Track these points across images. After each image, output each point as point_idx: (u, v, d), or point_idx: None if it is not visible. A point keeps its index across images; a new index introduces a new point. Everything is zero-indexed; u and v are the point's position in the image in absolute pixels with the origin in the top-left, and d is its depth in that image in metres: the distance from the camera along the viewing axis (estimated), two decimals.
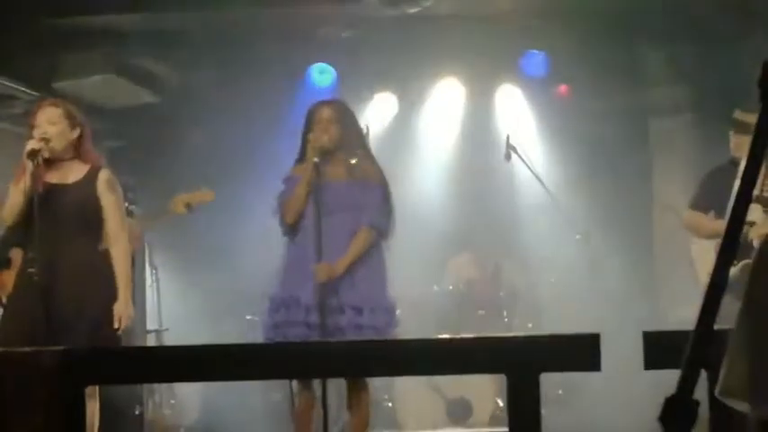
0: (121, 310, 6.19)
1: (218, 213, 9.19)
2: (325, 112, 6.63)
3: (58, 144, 6.26)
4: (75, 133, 6.35)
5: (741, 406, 2.38)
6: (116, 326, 6.13)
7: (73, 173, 6.34)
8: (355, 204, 6.42)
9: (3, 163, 6.72)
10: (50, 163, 6.27)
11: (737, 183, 1.87)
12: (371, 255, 6.45)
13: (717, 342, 2.01)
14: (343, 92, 10.11)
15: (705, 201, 7.61)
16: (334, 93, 10.19)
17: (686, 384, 1.76)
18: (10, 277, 6.70)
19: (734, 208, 1.87)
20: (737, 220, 1.85)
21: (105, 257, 6.29)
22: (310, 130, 6.54)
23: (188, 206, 7.84)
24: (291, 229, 6.53)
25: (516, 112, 10.81)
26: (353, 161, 6.52)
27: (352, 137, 6.66)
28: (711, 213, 7.53)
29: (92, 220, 6.29)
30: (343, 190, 6.43)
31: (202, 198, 7.93)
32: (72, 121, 6.35)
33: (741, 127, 7.34)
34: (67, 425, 3.16)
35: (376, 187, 6.51)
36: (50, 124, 6.27)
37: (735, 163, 7.40)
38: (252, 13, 9.34)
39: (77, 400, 3.21)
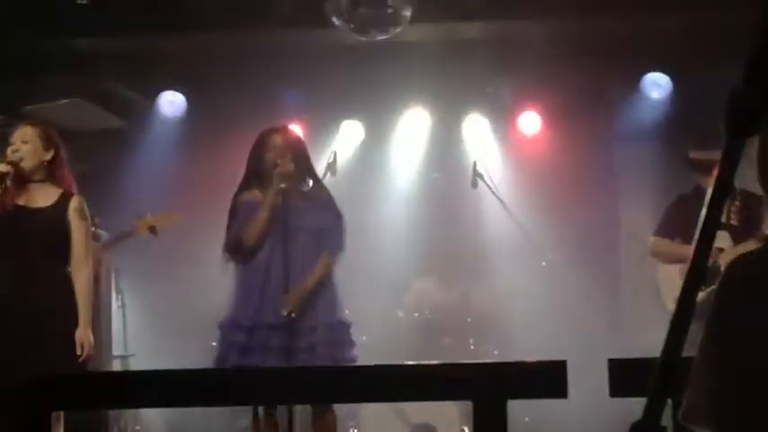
0: (82, 337, 6.17)
1: (185, 238, 9.18)
2: (279, 139, 6.67)
3: (29, 163, 6.26)
4: (49, 155, 6.34)
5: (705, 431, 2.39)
6: (78, 352, 6.12)
7: (43, 196, 6.32)
8: (313, 227, 6.48)
9: None
10: (21, 184, 6.25)
11: (705, 209, 1.89)
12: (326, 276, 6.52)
13: (683, 370, 2.02)
14: (311, 118, 10.13)
15: (671, 228, 7.69)
16: (302, 119, 10.20)
17: (652, 411, 1.77)
18: None
19: (701, 232, 1.88)
20: (705, 245, 1.86)
21: (69, 283, 6.27)
22: (262, 156, 6.57)
23: (152, 229, 7.81)
24: (247, 254, 6.54)
25: (483, 140, 10.84)
26: (308, 187, 6.61)
27: (305, 162, 6.71)
28: (678, 240, 7.60)
29: (59, 246, 6.27)
30: (302, 213, 6.47)
31: (167, 220, 7.89)
32: (47, 143, 6.35)
33: (698, 165, 7.45)
34: None
35: (331, 210, 6.59)
36: (23, 143, 6.27)
37: (700, 191, 7.46)
38: (219, 38, 9.36)
39: (43, 424, 3.20)
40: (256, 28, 9.14)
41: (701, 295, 1.88)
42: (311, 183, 6.73)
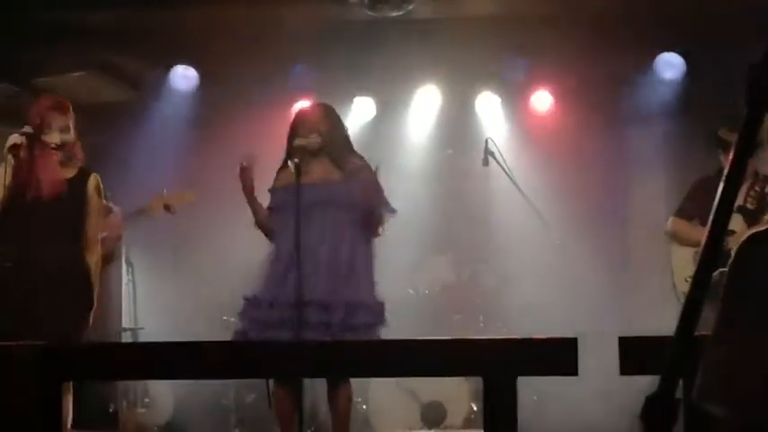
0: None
1: (196, 213, 9.18)
2: (305, 115, 6.68)
3: (63, 140, 6.29)
4: (73, 134, 6.38)
5: (719, 411, 2.39)
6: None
7: (63, 172, 6.34)
8: (345, 201, 6.44)
9: None
10: (42, 158, 6.26)
11: (721, 185, 1.88)
12: (361, 252, 6.48)
13: (696, 349, 2.02)
14: (322, 94, 10.12)
15: (691, 209, 7.64)
16: (314, 95, 10.19)
17: (667, 384, 1.77)
18: None
19: (715, 213, 1.88)
20: (719, 226, 1.85)
21: (82, 260, 6.29)
22: (291, 134, 6.57)
23: (168, 207, 7.79)
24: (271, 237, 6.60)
25: (495, 119, 10.83)
26: (342, 160, 6.58)
27: (339, 142, 6.68)
28: (696, 221, 7.57)
29: (75, 222, 6.29)
30: (326, 187, 6.46)
31: (183, 199, 7.87)
32: (73, 122, 6.38)
33: (726, 145, 7.37)
34: (44, 419, 3.16)
35: (374, 184, 6.55)
36: (63, 121, 6.29)
37: (723, 173, 7.41)
38: (233, 13, 9.34)
39: (55, 394, 3.22)
40: (270, 3, 9.13)
41: (714, 275, 1.88)
42: (346, 156, 6.68)
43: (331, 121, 6.69)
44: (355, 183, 6.47)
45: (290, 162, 6.43)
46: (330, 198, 6.42)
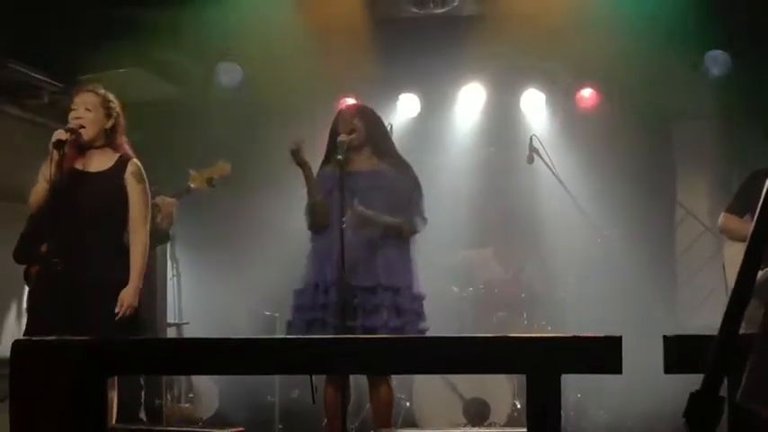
0: (125, 296, 6.22)
1: (238, 209, 9.23)
2: (347, 113, 6.73)
3: (90, 131, 6.32)
4: (110, 122, 6.42)
5: (765, 411, 2.37)
6: (116, 311, 6.16)
7: (102, 161, 6.40)
8: (387, 186, 6.47)
9: (27, 153, 6.75)
10: (81, 149, 6.32)
11: None
12: (401, 244, 6.50)
13: (741, 347, 2.00)
14: (368, 90, 10.13)
15: (742, 204, 7.55)
16: (359, 91, 10.21)
17: (711, 381, 1.76)
18: None
19: (761, 210, 1.86)
20: (765, 223, 1.84)
21: (124, 247, 6.33)
22: (333, 131, 6.63)
23: (209, 181, 7.79)
24: (320, 228, 6.59)
25: (540, 116, 10.81)
26: (382, 158, 6.61)
27: (379, 138, 6.72)
28: (747, 217, 7.48)
29: (117, 210, 6.33)
30: (376, 175, 6.50)
31: (221, 171, 7.86)
32: (108, 111, 6.42)
33: None
34: (90, 414, 3.17)
35: (411, 179, 6.59)
36: (87, 110, 6.33)
37: None
38: (277, 9, 9.36)
39: (100, 389, 3.23)
40: (315, 1, 9.14)
41: (760, 274, 1.86)
42: (385, 155, 6.71)
43: (369, 118, 6.74)
44: (402, 171, 6.54)
45: (332, 159, 6.48)
46: (375, 184, 6.47)
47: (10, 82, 9.01)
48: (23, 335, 6.34)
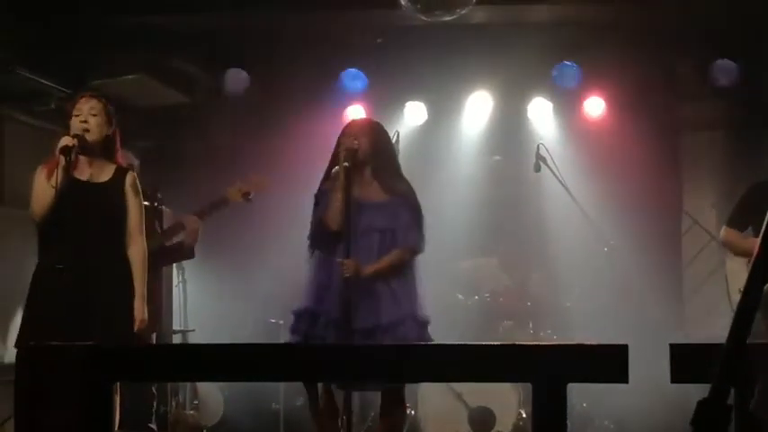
0: (138, 313, 6.24)
1: (244, 216, 9.22)
2: (354, 125, 6.67)
3: (94, 135, 6.32)
4: (110, 130, 6.41)
5: None
6: (134, 328, 6.20)
7: (101, 171, 6.39)
8: (386, 226, 6.40)
9: (34, 159, 6.74)
10: (81, 159, 6.31)
11: None
12: (405, 272, 6.43)
13: (748, 358, 1.99)
14: (374, 98, 10.13)
15: (742, 218, 7.50)
16: (365, 99, 10.22)
17: (719, 390, 1.75)
18: None
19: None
20: None
21: (126, 259, 6.34)
22: (339, 143, 6.54)
23: (245, 195, 7.79)
24: (333, 238, 6.43)
25: (547, 125, 10.80)
26: (385, 179, 6.51)
27: (384, 154, 6.60)
28: (749, 230, 7.44)
29: (117, 221, 6.34)
30: (375, 210, 6.40)
31: (259, 186, 7.85)
32: (109, 117, 6.41)
33: None
34: (95, 419, 3.18)
35: (409, 206, 6.47)
36: (92, 115, 6.33)
37: None
38: (286, 17, 9.37)
39: (106, 395, 3.24)
40: (323, 8, 9.14)
41: (766, 287, 1.86)
42: (386, 177, 6.59)
43: (375, 136, 6.59)
44: (401, 201, 6.45)
45: (338, 167, 6.39)
46: (374, 225, 6.37)
47: (18, 88, 9.03)
48: (15, 342, 6.32)
